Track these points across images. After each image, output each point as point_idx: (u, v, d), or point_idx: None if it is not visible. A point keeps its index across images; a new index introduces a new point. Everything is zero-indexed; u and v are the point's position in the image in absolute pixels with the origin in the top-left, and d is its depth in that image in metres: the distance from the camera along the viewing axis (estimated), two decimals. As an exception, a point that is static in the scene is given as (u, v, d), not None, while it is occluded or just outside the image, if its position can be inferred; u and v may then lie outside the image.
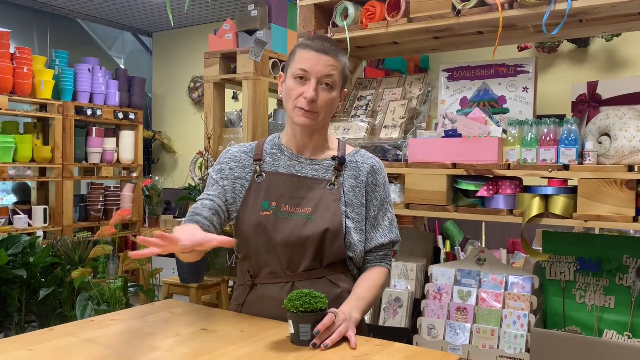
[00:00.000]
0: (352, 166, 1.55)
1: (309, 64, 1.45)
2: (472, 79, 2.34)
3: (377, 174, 1.57)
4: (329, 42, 1.49)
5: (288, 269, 1.48)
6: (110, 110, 5.15)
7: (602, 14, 1.96)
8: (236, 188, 1.54)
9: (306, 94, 1.44)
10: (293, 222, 1.47)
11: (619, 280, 1.93)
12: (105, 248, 2.85)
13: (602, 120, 1.92)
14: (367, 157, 1.59)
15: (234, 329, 1.39)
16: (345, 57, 1.53)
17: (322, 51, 1.45)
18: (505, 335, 1.95)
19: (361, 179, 1.54)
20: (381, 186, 1.57)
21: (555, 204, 1.87)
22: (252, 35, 3.56)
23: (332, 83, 1.47)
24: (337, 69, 1.47)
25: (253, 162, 1.56)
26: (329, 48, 1.46)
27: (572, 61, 4.44)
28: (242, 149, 1.60)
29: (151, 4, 5.49)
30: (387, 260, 1.59)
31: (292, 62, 1.49)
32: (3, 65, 4.25)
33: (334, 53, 1.47)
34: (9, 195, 5.25)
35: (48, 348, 1.25)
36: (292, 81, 1.47)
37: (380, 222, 1.56)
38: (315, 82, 1.44)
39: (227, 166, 1.56)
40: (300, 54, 1.47)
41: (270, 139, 1.62)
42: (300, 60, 1.46)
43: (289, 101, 1.48)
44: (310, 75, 1.45)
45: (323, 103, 1.46)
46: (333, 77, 1.46)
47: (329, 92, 1.47)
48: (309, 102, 1.44)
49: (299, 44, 1.51)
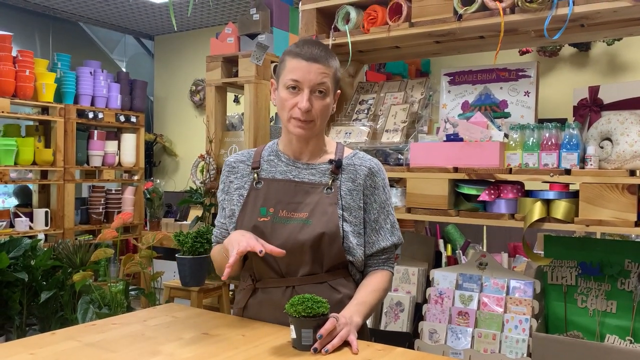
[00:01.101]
0: (350, 169, 1.54)
1: (300, 74, 1.44)
2: (473, 83, 2.35)
3: (375, 176, 1.55)
4: (317, 48, 1.47)
5: (287, 273, 1.48)
6: (111, 113, 5.15)
7: (604, 19, 1.97)
8: (233, 199, 1.57)
9: (300, 104, 1.44)
10: (290, 227, 1.47)
11: (621, 284, 1.93)
12: (106, 251, 2.85)
13: (603, 124, 1.92)
14: (365, 159, 1.57)
15: (236, 333, 1.39)
16: (335, 60, 1.51)
17: (312, 59, 1.44)
18: (506, 339, 1.95)
19: (358, 181, 1.53)
20: (380, 188, 1.56)
21: (556, 209, 1.87)
22: (254, 39, 3.57)
23: (324, 90, 1.46)
24: (328, 76, 1.46)
25: (251, 170, 1.57)
26: (319, 55, 1.45)
27: (574, 65, 4.44)
28: (239, 158, 1.62)
29: (153, 7, 5.50)
30: (390, 263, 1.59)
31: (282, 71, 1.49)
32: (5, 68, 4.26)
33: (324, 59, 1.46)
34: (10, 198, 5.26)
35: (50, 352, 1.25)
36: (285, 91, 1.47)
37: (382, 225, 1.55)
38: (308, 92, 1.44)
39: (227, 179, 1.61)
40: (290, 63, 1.46)
41: (269, 146, 1.63)
42: (290, 69, 1.45)
43: (284, 111, 1.48)
44: (302, 84, 1.44)
45: (318, 111, 1.46)
46: (325, 84, 1.46)
47: (322, 99, 1.47)
48: (303, 113, 1.44)
49: (288, 52, 1.50)
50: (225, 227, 1.60)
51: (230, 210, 1.58)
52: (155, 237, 3.06)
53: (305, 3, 2.43)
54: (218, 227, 1.64)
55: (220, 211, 1.63)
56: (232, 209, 1.57)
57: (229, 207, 1.58)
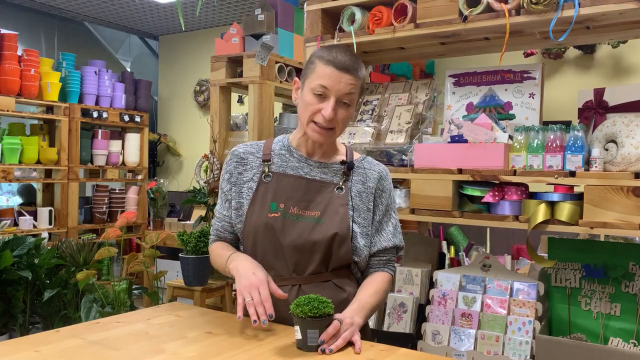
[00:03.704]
0: (360, 172, 1.56)
1: (330, 82, 1.43)
2: (478, 85, 2.34)
3: (384, 180, 1.59)
4: (349, 57, 1.46)
5: (294, 271, 1.48)
6: (116, 112, 5.17)
7: (609, 21, 1.96)
8: (243, 192, 1.54)
9: (324, 111, 1.43)
10: (301, 225, 1.47)
11: (625, 287, 1.92)
12: (110, 250, 2.86)
13: (608, 126, 1.92)
14: (374, 163, 1.61)
15: (239, 332, 1.40)
16: (363, 70, 1.51)
17: (343, 69, 1.43)
18: (510, 341, 1.94)
19: (369, 184, 1.55)
20: (387, 192, 1.59)
21: (561, 211, 1.87)
22: (259, 39, 3.57)
23: (350, 101, 1.46)
24: (356, 87, 1.46)
25: (261, 163, 1.55)
26: (350, 65, 1.44)
27: (578, 67, 4.43)
28: (248, 149, 1.59)
29: (158, 7, 5.51)
30: (390, 265, 1.59)
31: (311, 74, 1.47)
32: (10, 67, 4.27)
33: (354, 70, 1.45)
34: (15, 197, 5.28)
35: (54, 349, 1.25)
36: (311, 95, 1.45)
37: (384, 227, 1.57)
38: (334, 101, 1.43)
39: (235, 170, 1.57)
40: (321, 69, 1.44)
41: (279, 140, 1.61)
42: (320, 75, 1.44)
43: (305, 114, 1.47)
44: (330, 92, 1.43)
45: (340, 120, 1.47)
46: (352, 95, 1.46)
47: (346, 109, 1.47)
48: (326, 120, 1.44)
49: (319, 56, 1.47)
50: (229, 220, 1.58)
51: (237, 203, 1.54)
52: (158, 236, 3.06)
53: (311, 4, 2.43)
54: (219, 219, 1.60)
55: (223, 202, 1.59)
56: (240, 201, 1.54)
57: (237, 200, 1.55)
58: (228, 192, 1.58)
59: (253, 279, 1.37)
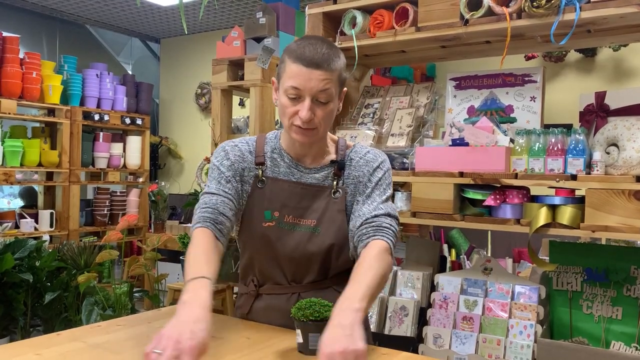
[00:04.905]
0: (352, 165, 1.46)
1: (300, 81, 1.31)
2: (479, 88, 2.35)
3: (373, 162, 1.45)
4: (319, 48, 1.33)
5: (293, 281, 1.46)
6: (117, 115, 5.17)
7: (610, 25, 1.96)
8: (244, 188, 1.46)
9: (301, 113, 1.32)
10: (297, 234, 1.42)
11: (627, 291, 1.92)
12: (111, 253, 2.86)
13: (610, 130, 1.92)
14: (362, 152, 1.48)
15: (240, 336, 1.39)
16: (339, 60, 1.37)
17: (313, 65, 1.30)
18: (511, 345, 1.94)
19: (361, 178, 1.44)
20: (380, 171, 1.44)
21: (562, 214, 1.87)
22: (260, 42, 3.58)
23: (327, 97, 1.34)
24: (331, 81, 1.33)
25: (255, 166, 1.46)
26: (320, 59, 1.31)
27: (579, 71, 4.43)
28: (244, 147, 1.48)
29: (159, 10, 5.52)
30: (383, 232, 1.35)
31: (283, 74, 1.36)
32: (12, 70, 4.28)
33: (325, 63, 1.32)
34: (16, 199, 5.28)
35: (55, 353, 1.25)
36: (285, 98, 1.35)
37: (375, 198, 1.40)
38: (310, 100, 1.32)
39: (239, 165, 1.45)
40: (290, 68, 1.33)
41: (270, 139, 1.50)
42: (290, 75, 1.33)
43: (284, 117, 1.37)
44: (303, 93, 1.32)
45: (320, 118, 1.35)
46: (328, 90, 1.33)
47: (325, 106, 1.35)
48: (304, 122, 1.33)
49: (289, 51, 1.35)
50: (231, 198, 1.40)
51: (238, 195, 1.43)
52: (159, 239, 3.06)
53: (312, 7, 2.44)
54: (216, 194, 1.39)
55: (220, 179, 1.42)
56: (240, 194, 1.44)
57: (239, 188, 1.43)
58: (231, 177, 1.43)
59: (184, 335, 1.06)
